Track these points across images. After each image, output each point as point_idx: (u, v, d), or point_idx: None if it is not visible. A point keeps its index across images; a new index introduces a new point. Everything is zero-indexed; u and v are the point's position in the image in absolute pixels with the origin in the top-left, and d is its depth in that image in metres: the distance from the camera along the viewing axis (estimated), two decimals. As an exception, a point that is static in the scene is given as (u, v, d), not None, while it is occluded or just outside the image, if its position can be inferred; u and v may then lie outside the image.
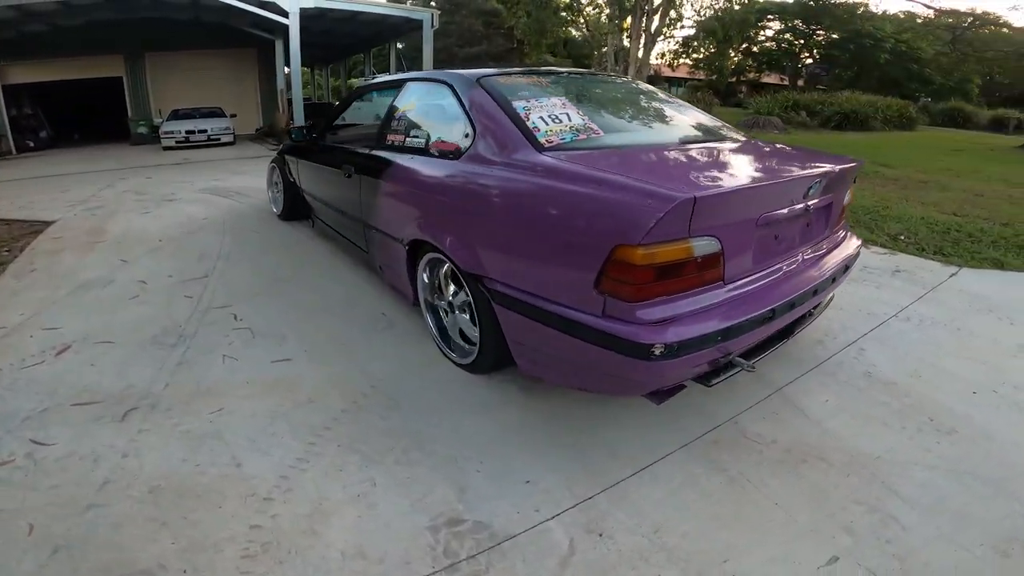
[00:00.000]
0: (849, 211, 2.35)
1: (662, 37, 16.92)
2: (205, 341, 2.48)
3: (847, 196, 2.14)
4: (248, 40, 12.74)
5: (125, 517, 1.44)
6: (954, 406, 2.01)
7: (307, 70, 21.49)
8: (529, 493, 1.57)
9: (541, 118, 1.84)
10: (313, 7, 10.49)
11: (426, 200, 2.16)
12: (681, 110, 2.51)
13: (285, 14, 10.20)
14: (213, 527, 1.42)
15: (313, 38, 12.61)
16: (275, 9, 10.14)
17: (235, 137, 12.06)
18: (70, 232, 4.36)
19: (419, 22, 12.15)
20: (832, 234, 2.09)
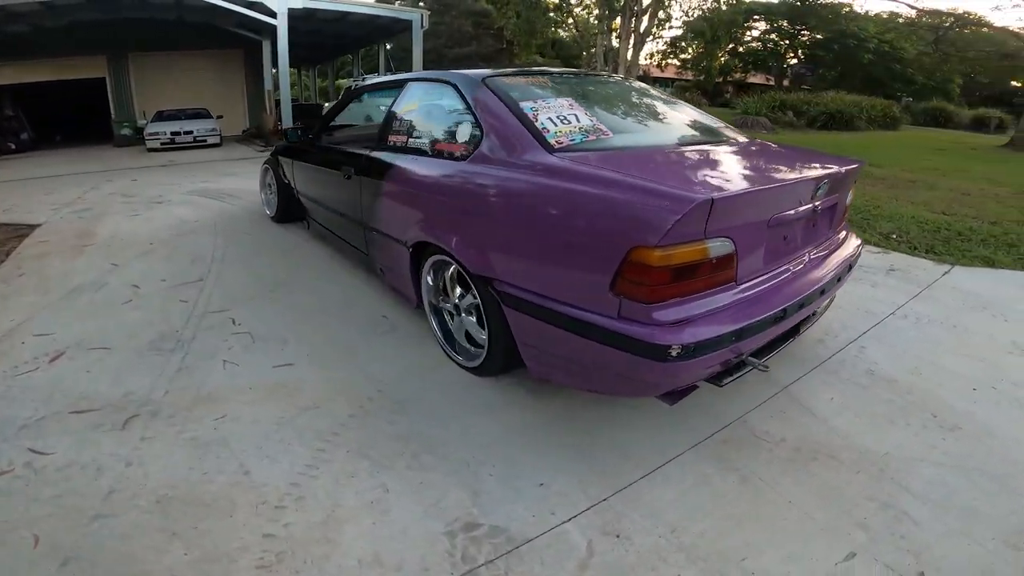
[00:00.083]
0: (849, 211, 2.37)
1: (651, 38, 17.04)
2: (204, 346, 2.44)
3: (849, 196, 2.17)
4: (234, 40, 12.58)
5: (134, 527, 1.41)
6: (955, 403, 2.04)
7: (294, 71, 21.29)
8: (543, 496, 1.57)
9: (550, 119, 1.83)
10: (301, 7, 10.39)
11: (431, 202, 2.14)
12: (682, 111, 2.52)
13: (273, 14, 10.09)
14: (225, 537, 1.39)
15: (301, 38, 12.46)
16: (262, 9, 10.03)
17: (222, 139, 11.90)
18: (57, 236, 4.27)
19: (408, 23, 12.10)
20: (835, 234, 2.11)
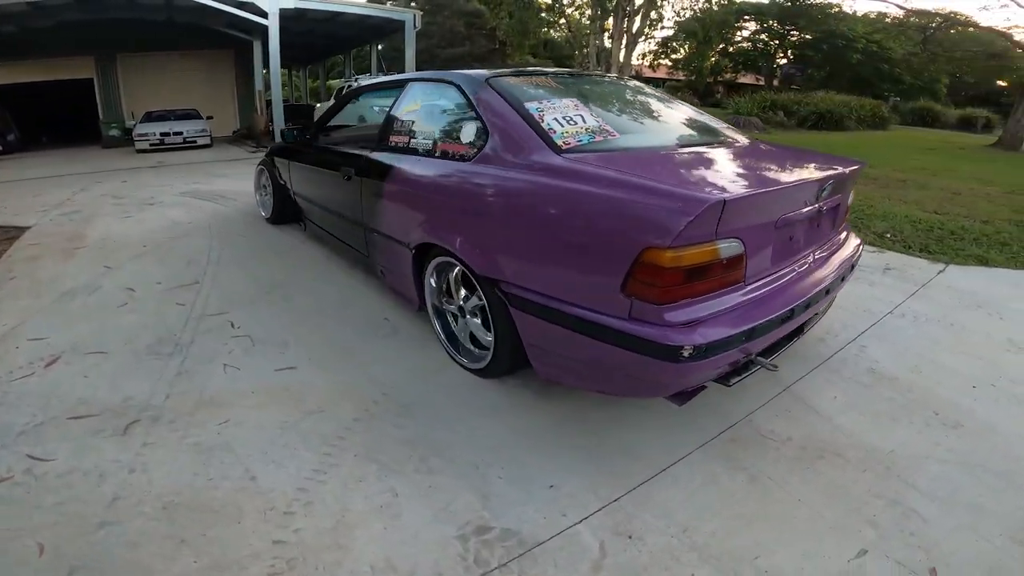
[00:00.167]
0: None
1: (643, 38, 17.11)
2: (203, 350, 2.40)
3: (850, 196, 2.18)
4: (224, 41, 12.49)
5: (141, 535, 1.39)
6: (957, 400, 2.07)
7: (285, 71, 21.14)
8: (554, 498, 1.56)
9: (556, 119, 1.82)
10: (293, 8, 10.30)
11: (435, 203, 2.12)
12: (682, 111, 2.52)
13: (264, 15, 10.00)
14: (235, 544, 1.37)
15: (292, 39, 12.39)
16: (253, 9, 9.94)
17: (212, 139, 11.79)
18: (48, 238, 4.20)
19: (401, 23, 12.03)
20: (838, 234, 2.12)
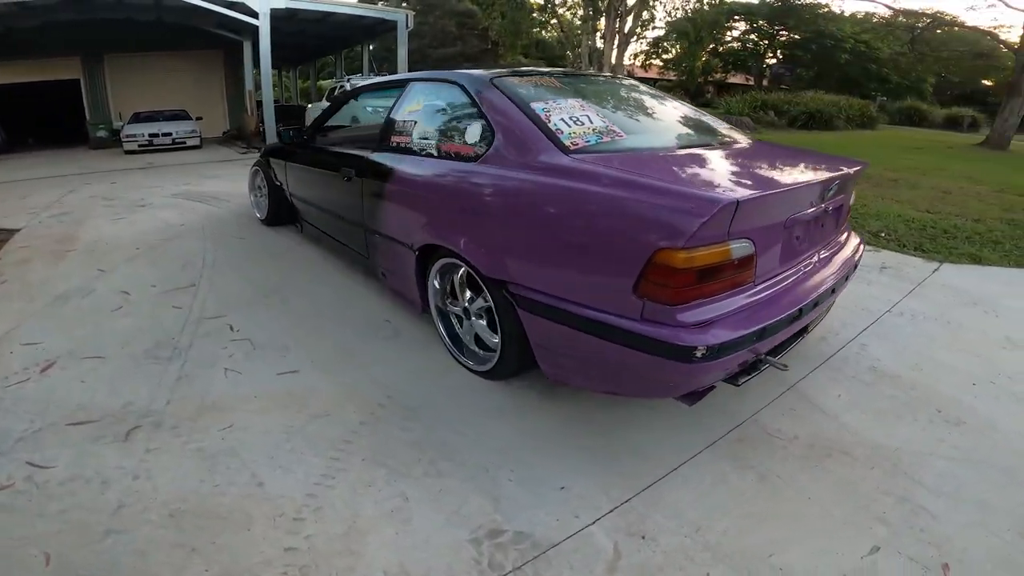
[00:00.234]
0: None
1: (635, 38, 17.19)
2: (202, 354, 2.37)
3: (851, 197, 2.20)
4: (214, 41, 12.33)
5: (149, 543, 1.36)
6: (958, 398, 2.09)
7: (275, 72, 20.93)
8: (565, 499, 1.55)
9: (563, 120, 1.82)
10: (284, 8, 10.20)
11: (440, 204, 2.11)
12: (684, 111, 2.53)
13: (255, 15, 9.89)
14: (245, 551, 1.35)
15: (282, 39, 12.27)
16: (244, 9, 9.83)
17: (202, 140, 11.66)
18: (38, 240, 4.13)
19: (393, 23, 11.97)
20: (841, 234, 2.14)
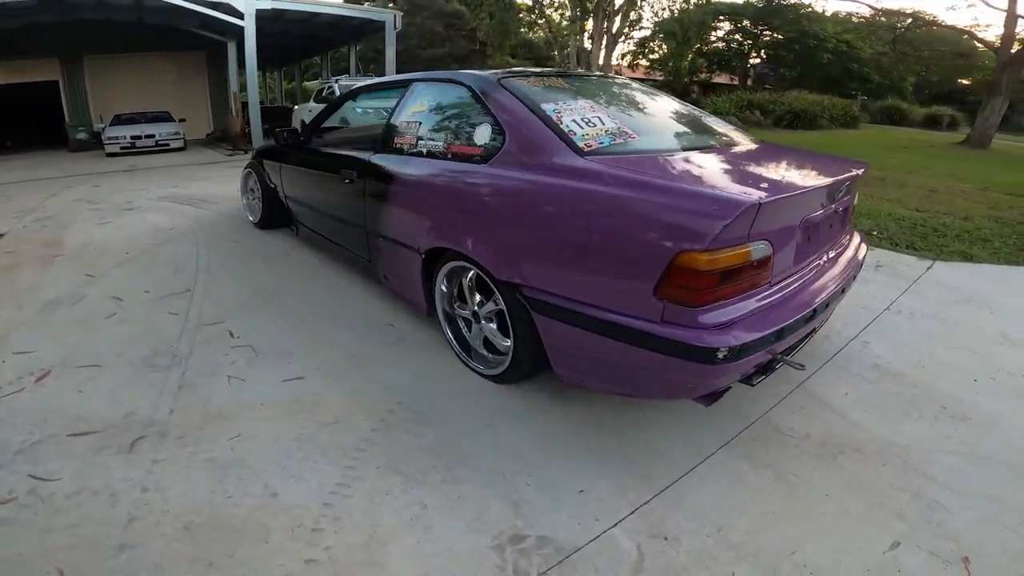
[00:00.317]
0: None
1: (623, 38, 17.29)
2: (203, 361, 2.32)
3: (855, 197, 2.22)
4: (197, 42, 12.14)
5: (165, 558, 1.33)
6: (961, 394, 2.12)
7: (259, 73, 20.69)
8: (585, 502, 1.55)
9: (575, 121, 1.81)
10: (270, 8, 10.09)
11: (448, 207, 2.08)
12: (687, 112, 2.53)
13: (240, 15, 9.76)
14: (265, 564, 1.32)
15: (267, 40, 12.11)
16: (229, 10, 9.69)
17: (186, 142, 11.47)
18: (23, 245, 4.03)
19: (381, 24, 11.90)
20: (846, 234, 2.16)
